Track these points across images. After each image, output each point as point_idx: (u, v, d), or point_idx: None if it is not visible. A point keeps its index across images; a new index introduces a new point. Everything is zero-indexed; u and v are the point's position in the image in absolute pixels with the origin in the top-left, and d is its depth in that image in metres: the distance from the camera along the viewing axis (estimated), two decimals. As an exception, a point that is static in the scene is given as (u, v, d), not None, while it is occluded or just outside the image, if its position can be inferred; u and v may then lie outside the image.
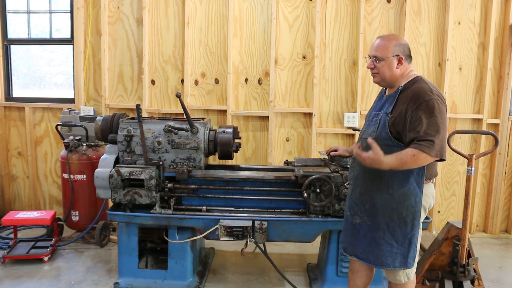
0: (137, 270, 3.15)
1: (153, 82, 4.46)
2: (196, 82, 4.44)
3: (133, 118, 3.25)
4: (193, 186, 3.12)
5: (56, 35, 4.69)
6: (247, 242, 2.92)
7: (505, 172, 4.48)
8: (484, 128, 4.36)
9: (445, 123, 2.14)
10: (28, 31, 4.71)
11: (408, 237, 2.26)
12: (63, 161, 3.93)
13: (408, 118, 2.16)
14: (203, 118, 3.39)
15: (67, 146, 3.89)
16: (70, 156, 3.88)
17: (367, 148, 2.18)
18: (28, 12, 4.68)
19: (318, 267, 3.47)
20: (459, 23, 4.31)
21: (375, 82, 2.40)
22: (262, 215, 3.06)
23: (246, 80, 4.41)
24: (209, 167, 3.41)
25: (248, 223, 2.94)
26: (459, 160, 4.44)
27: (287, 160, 3.57)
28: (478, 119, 4.40)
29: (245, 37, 4.36)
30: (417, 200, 2.23)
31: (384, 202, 2.27)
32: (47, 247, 3.71)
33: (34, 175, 4.71)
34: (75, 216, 3.97)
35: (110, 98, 4.53)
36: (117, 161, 3.15)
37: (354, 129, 4.29)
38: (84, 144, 3.94)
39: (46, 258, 3.62)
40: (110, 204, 3.28)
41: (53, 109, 4.61)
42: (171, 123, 3.10)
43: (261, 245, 3.01)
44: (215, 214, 3.07)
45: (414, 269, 2.37)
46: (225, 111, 4.39)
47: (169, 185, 3.04)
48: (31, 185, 4.73)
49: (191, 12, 4.34)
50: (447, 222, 3.25)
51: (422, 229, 2.40)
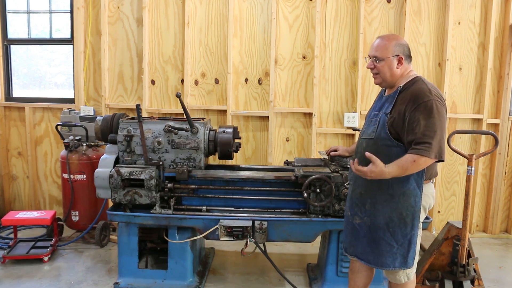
0: (137, 270, 3.15)
1: (153, 82, 4.46)
2: (196, 82, 4.44)
3: (133, 118, 3.25)
4: (193, 186, 3.12)
5: (56, 35, 4.69)
6: (247, 242, 2.92)
7: (505, 172, 4.48)
8: (484, 128, 4.36)
9: (443, 124, 2.14)
10: (28, 31, 4.71)
11: (408, 237, 2.26)
12: (63, 161, 3.93)
13: (406, 119, 2.16)
14: (203, 118, 3.39)
15: (67, 146, 3.89)
16: (70, 156, 3.89)
17: (366, 158, 2.17)
18: (28, 12, 4.68)
19: (318, 267, 3.47)
20: (459, 23, 4.31)
21: (376, 83, 2.40)
22: (262, 215, 3.06)
23: (246, 80, 4.41)
24: (209, 167, 3.41)
25: (248, 223, 2.94)
26: (459, 160, 4.44)
27: (287, 160, 3.57)
28: (478, 119, 4.40)
29: (245, 37, 4.36)
30: (417, 200, 2.23)
31: (384, 202, 2.27)
32: (47, 247, 3.72)
33: (34, 175, 4.72)
34: (75, 216, 3.97)
35: (110, 98, 4.53)
36: (117, 161, 3.15)
37: (354, 129, 4.29)
38: (84, 144, 3.94)
39: (46, 258, 3.62)
40: (110, 204, 3.28)
41: (53, 109, 4.61)
42: (171, 123, 3.10)
43: (261, 245, 3.01)
44: (215, 214, 3.07)
45: (414, 269, 2.37)
46: (225, 111, 4.39)
47: (169, 185, 3.04)
48: (31, 185, 4.73)
49: (191, 12, 4.34)
50: (447, 222, 3.25)
51: (422, 229, 2.40)
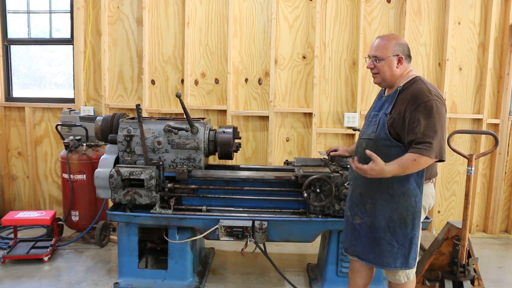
0: (137, 270, 3.15)
1: (153, 82, 4.46)
2: (196, 82, 4.44)
3: (133, 118, 3.25)
4: (193, 186, 3.12)
5: (56, 35, 4.69)
6: (247, 242, 2.92)
7: (505, 172, 4.48)
8: (484, 128, 4.36)
9: (443, 124, 2.14)
10: (28, 31, 4.71)
11: (408, 237, 2.26)
12: (63, 161, 3.93)
13: (406, 119, 2.16)
14: (203, 118, 3.39)
15: (67, 146, 3.89)
16: (70, 156, 3.89)
17: (366, 158, 2.17)
18: (28, 12, 4.68)
19: (318, 267, 3.47)
20: (459, 23, 4.31)
21: (375, 83, 2.40)
22: (262, 215, 3.06)
23: (246, 80, 4.41)
24: (209, 167, 3.41)
25: (248, 223, 2.94)
26: (459, 160, 4.44)
27: (287, 160, 3.56)
28: (478, 119, 4.40)
29: (245, 37, 4.36)
30: (417, 200, 2.23)
31: (384, 202, 2.27)
32: (47, 247, 3.71)
33: (34, 175, 4.72)
34: (75, 216, 3.97)
35: (110, 98, 4.53)
36: (117, 161, 3.15)
37: (354, 129, 4.29)
38: (84, 144, 3.94)
39: (46, 258, 3.62)
40: (110, 204, 3.28)
41: (53, 109, 4.61)
42: (171, 123, 3.10)
43: (261, 245, 3.01)
44: (215, 214, 3.07)
45: (414, 269, 2.37)
46: (225, 111, 4.39)
47: (169, 185, 3.04)
48: (31, 185, 4.73)
49: (191, 12, 4.34)
50: (447, 222, 3.25)
51: (422, 229, 2.40)
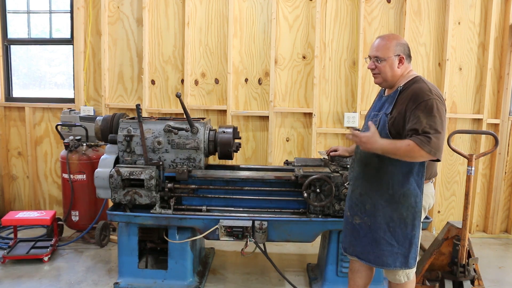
0: (137, 270, 3.15)
1: (153, 82, 4.46)
2: (196, 82, 4.44)
3: (133, 118, 3.25)
4: (193, 186, 3.12)
5: (56, 35, 4.69)
6: (247, 242, 2.92)
7: (505, 172, 4.48)
8: (484, 128, 4.36)
9: (443, 123, 2.14)
10: (28, 31, 4.71)
11: (408, 238, 2.26)
12: (63, 161, 3.93)
13: (407, 118, 2.16)
14: (203, 118, 3.39)
15: (67, 146, 3.89)
16: (70, 156, 3.88)
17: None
18: (28, 12, 4.68)
19: (318, 267, 3.47)
20: (459, 23, 4.31)
21: (376, 83, 2.39)
22: (262, 215, 3.06)
23: (246, 80, 4.41)
24: (209, 167, 3.41)
25: (248, 223, 2.94)
26: (459, 160, 4.44)
27: (287, 160, 3.56)
28: (478, 119, 4.40)
29: (245, 37, 4.36)
30: (417, 200, 2.23)
31: (384, 202, 2.27)
32: (47, 247, 3.71)
33: (34, 175, 4.71)
34: (75, 216, 3.97)
35: (110, 98, 4.53)
36: (117, 161, 3.15)
37: (354, 129, 4.28)
38: (84, 144, 3.94)
39: (46, 258, 3.62)
40: (110, 204, 3.28)
41: (53, 109, 4.61)
42: (171, 123, 3.10)
43: (261, 245, 3.01)
44: (215, 214, 3.07)
45: (414, 269, 2.37)
46: (225, 111, 4.39)
47: (169, 185, 3.04)
48: (31, 185, 4.73)
49: (191, 12, 4.33)
50: (447, 222, 3.25)
51: (422, 229, 2.40)
